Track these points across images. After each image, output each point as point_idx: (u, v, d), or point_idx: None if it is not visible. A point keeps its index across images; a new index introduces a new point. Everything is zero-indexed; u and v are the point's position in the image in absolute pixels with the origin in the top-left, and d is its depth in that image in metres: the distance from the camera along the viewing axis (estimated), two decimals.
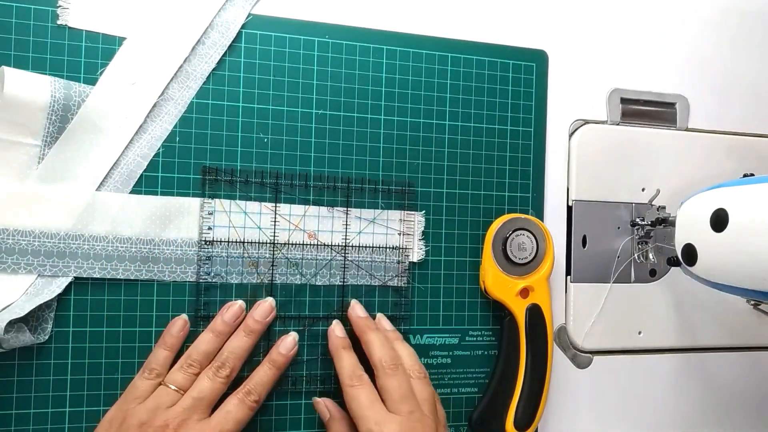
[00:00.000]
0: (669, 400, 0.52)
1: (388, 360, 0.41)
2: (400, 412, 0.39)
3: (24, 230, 0.39)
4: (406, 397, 0.40)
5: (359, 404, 0.39)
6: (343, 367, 0.41)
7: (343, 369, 0.41)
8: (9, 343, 0.37)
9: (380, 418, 0.38)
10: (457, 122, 0.47)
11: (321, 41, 0.45)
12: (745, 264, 0.37)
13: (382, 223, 0.45)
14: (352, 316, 0.44)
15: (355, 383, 0.40)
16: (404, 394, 0.40)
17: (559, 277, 0.49)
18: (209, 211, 0.42)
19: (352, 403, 0.40)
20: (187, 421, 0.37)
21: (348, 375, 0.41)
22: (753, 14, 0.55)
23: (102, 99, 0.40)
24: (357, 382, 0.40)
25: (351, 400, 0.40)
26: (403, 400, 0.39)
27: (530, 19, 0.49)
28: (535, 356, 0.46)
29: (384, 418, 0.38)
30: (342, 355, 0.42)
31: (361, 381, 0.40)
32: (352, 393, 0.40)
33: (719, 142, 0.53)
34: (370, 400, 0.39)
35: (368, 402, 0.39)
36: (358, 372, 0.41)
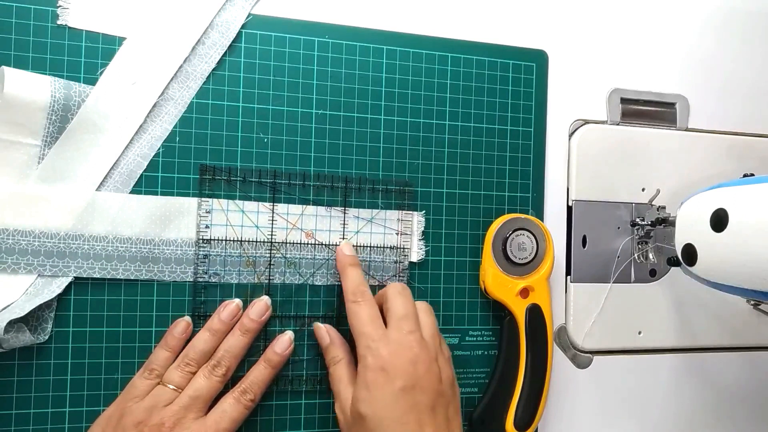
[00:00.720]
0: (669, 400, 0.52)
1: (399, 285, 0.42)
2: (400, 330, 0.39)
3: (24, 230, 0.39)
4: (408, 317, 0.40)
5: (360, 320, 0.39)
6: (348, 283, 0.41)
7: (348, 284, 0.41)
8: (9, 343, 0.37)
9: (378, 336, 0.38)
10: (457, 122, 0.47)
11: (321, 41, 0.45)
12: (745, 264, 0.37)
13: (380, 222, 0.45)
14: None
15: (358, 299, 0.40)
16: (407, 314, 0.40)
17: (559, 277, 0.49)
18: (206, 210, 0.42)
19: (353, 319, 0.40)
20: (182, 419, 0.37)
21: (351, 290, 0.41)
22: (753, 14, 0.55)
23: (102, 99, 0.40)
24: (360, 297, 0.40)
25: (352, 316, 0.40)
26: (405, 318, 0.40)
27: (530, 19, 0.50)
28: (535, 356, 0.46)
29: (382, 335, 0.39)
30: (348, 272, 0.42)
31: (363, 297, 0.41)
32: (354, 309, 0.40)
33: (719, 142, 0.53)
34: (371, 316, 0.40)
35: (368, 318, 0.39)
36: (362, 288, 0.41)
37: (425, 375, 0.38)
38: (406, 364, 0.37)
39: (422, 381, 0.37)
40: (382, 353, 0.38)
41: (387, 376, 0.37)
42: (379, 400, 0.36)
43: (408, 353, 0.38)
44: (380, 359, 0.37)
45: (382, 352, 0.38)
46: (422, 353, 0.38)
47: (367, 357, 0.38)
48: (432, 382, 0.38)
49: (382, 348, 0.38)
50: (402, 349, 0.38)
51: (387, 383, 0.37)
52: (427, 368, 0.38)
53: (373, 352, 0.38)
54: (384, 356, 0.37)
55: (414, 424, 0.36)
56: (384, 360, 0.37)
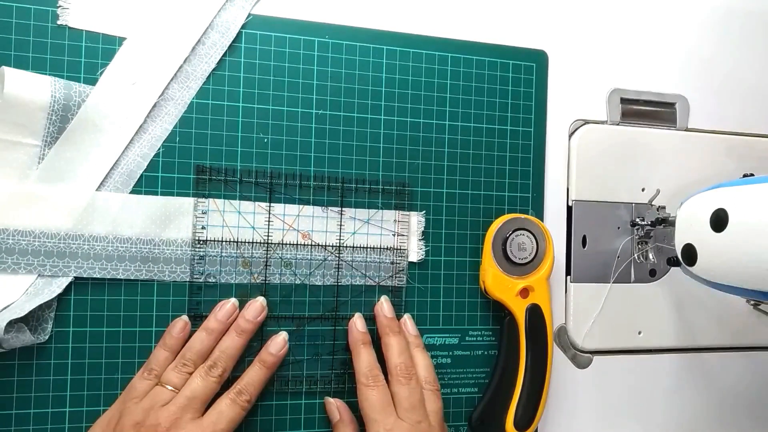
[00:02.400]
0: (669, 400, 0.52)
1: (404, 368, 0.42)
2: (409, 421, 0.40)
3: (24, 230, 0.39)
4: (416, 408, 0.40)
5: (371, 406, 0.40)
6: (361, 364, 0.42)
7: (361, 366, 0.42)
8: (9, 343, 0.37)
9: (390, 425, 0.39)
10: (457, 122, 0.47)
11: (321, 41, 0.45)
12: (745, 264, 0.37)
13: (377, 223, 0.45)
14: (378, 314, 0.44)
15: (371, 383, 0.41)
16: (414, 404, 0.40)
17: (559, 277, 0.49)
18: (203, 210, 0.42)
19: (365, 403, 0.40)
20: (179, 420, 0.37)
21: (365, 373, 0.41)
22: (753, 14, 0.55)
23: (102, 99, 0.40)
24: (373, 382, 0.41)
25: (364, 400, 0.40)
26: (413, 410, 0.40)
27: (530, 19, 0.49)
28: (535, 356, 0.46)
29: (394, 424, 0.39)
30: (361, 351, 0.42)
31: (377, 382, 0.41)
32: (367, 393, 0.41)
33: (719, 142, 0.53)
34: (383, 403, 0.40)
35: (380, 405, 0.40)
36: (375, 372, 0.41)
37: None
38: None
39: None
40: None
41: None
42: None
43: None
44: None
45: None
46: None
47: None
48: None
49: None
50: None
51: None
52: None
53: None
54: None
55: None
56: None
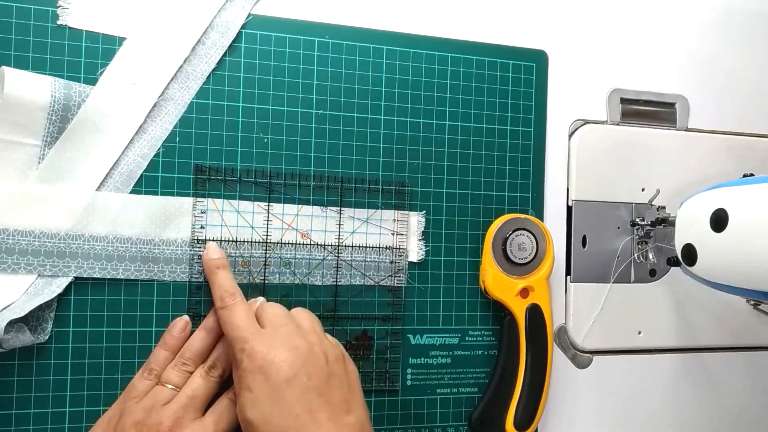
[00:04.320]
0: (669, 400, 0.52)
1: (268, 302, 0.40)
2: (273, 326, 0.37)
3: (24, 230, 0.39)
4: (279, 315, 0.38)
5: (231, 324, 0.37)
6: (215, 288, 0.39)
7: (215, 290, 0.39)
8: (9, 343, 0.37)
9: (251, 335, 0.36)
10: (457, 122, 0.47)
11: (321, 41, 0.45)
12: (745, 264, 0.37)
13: (376, 222, 0.45)
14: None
15: (227, 302, 0.38)
16: (278, 313, 0.38)
17: (559, 277, 0.49)
18: (201, 210, 0.42)
19: (225, 325, 0.38)
20: (181, 419, 0.37)
21: (219, 296, 0.39)
22: (753, 14, 0.55)
23: (102, 99, 0.40)
24: (230, 300, 0.38)
25: (223, 322, 0.38)
26: (277, 316, 0.38)
27: (530, 19, 0.49)
28: (535, 356, 0.46)
29: (255, 334, 0.36)
30: (216, 275, 0.40)
31: (234, 299, 0.38)
32: (224, 314, 0.38)
33: (719, 142, 0.53)
34: (242, 318, 0.37)
35: (240, 320, 0.37)
36: (232, 290, 0.39)
37: (307, 360, 0.36)
38: (284, 354, 0.35)
39: (305, 368, 0.35)
40: (257, 352, 0.35)
41: (266, 375, 0.35)
42: (263, 400, 0.34)
43: (284, 344, 0.36)
44: (256, 359, 0.35)
45: (256, 351, 0.35)
46: (299, 340, 0.36)
47: (243, 360, 0.35)
48: (316, 366, 0.36)
49: (257, 347, 0.35)
50: (277, 342, 0.36)
51: (267, 381, 0.34)
52: (307, 353, 0.36)
53: (249, 353, 0.35)
54: (260, 356, 0.35)
55: (305, 414, 0.34)
56: (260, 359, 0.35)
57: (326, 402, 0.35)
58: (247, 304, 0.39)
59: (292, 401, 0.34)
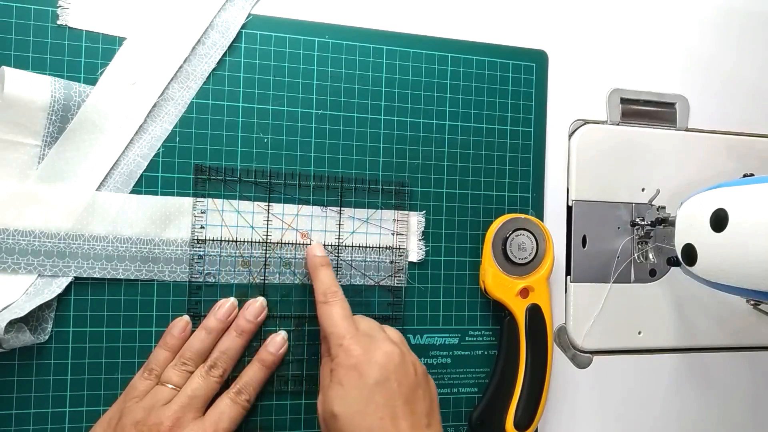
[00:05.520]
0: (669, 400, 0.52)
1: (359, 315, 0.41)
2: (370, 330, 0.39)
3: (24, 230, 0.39)
4: (374, 326, 0.40)
5: (331, 320, 0.39)
6: (319, 284, 0.41)
7: (318, 285, 0.41)
8: (9, 343, 0.37)
9: (351, 333, 0.38)
10: (457, 122, 0.47)
11: (321, 41, 0.45)
12: (745, 264, 0.37)
13: (376, 223, 0.45)
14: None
15: (329, 299, 0.40)
16: (373, 324, 0.40)
17: (559, 277, 0.49)
18: (201, 210, 0.42)
19: (324, 319, 0.39)
20: (181, 419, 0.37)
21: (322, 291, 0.40)
22: (753, 14, 0.55)
23: (102, 99, 0.40)
24: (331, 297, 0.40)
25: (323, 316, 0.39)
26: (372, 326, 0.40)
27: (530, 19, 0.49)
28: (535, 356, 0.46)
29: (354, 333, 0.38)
30: (319, 273, 0.41)
31: (335, 297, 0.40)
32: (325, 309, 0.39)
33: (719, 142, 0.53)
34: (342, 316, 0.39)
35: (339, 318, 0.39)
36: (333, 288, 0.40)
37: (398, 369, 0.37)
38: (379, 358, 0.37)
39: (396, 375, 0.37)
40: (354, 351, 0.37)
41: (359, 373, 0.36)
42: (352, 397, 0.35)
43: (380, 348, 0.37)
44: (352, 357, 0.37)
45: (353, 350, 0.37)
46: (393, 347, 0.38)
47: (340, 355, 0.37)
48: (407, 374, 0.37)
49: (353, 346, 0.37)
50: (374, 346, 0.37)
51: (359, 380, 0.36)
52: (400, 362, 0.37)
53: (345, 349, 0.37)
54: (356, 354, 0.37)
55: (388, 419, 0.35)
56: (356, 357, 0.37)
57: (410, 411, 0.36)
58: (347, 303, 0.40)
59: (379, 403, 0.35)
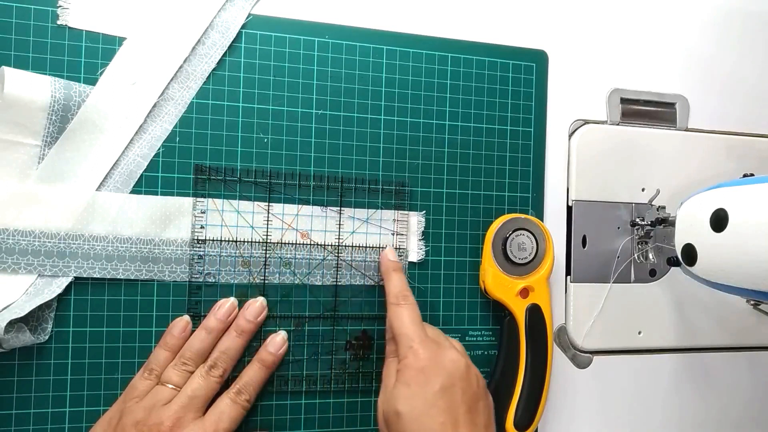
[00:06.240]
0: (669, 400, 0.52)
1: None
2: (439, 337, 0.41)
3: (24, 230, 0.39)
4: (441, 334, 0.42)
5: (402, 322, 0.40)
6: (392, 286, 0.42)
7: (391, 287, 0.42)
8: (9, 343, 0.37)
9: (420, 338, 0.39)
10: (457, 122, 0.47)
11: (321, 41, 0.45)
12: (745, 264, 0.37)
13: (376, 222, 0.45)
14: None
15: (401, 301, 0.41)
16: (440, 333, 0.42)
17: (559, 277, 0.49)
18: (201, 210, 0.42)
19: (395, 321, 0.41)
20: (182, 419, 0.37)
21: (395, 294, 0.42)
22: (753, 15, 0.55)
23: (102, 99, 0.40)
24: (403, 300, 0.41)
25: (394, 318, 0.41)
26: (441, 333, 0.42)
27: (530, 19, 0.49)
28: (535, 356, 0.46)
29: (424, 338, 0.39)
30: (392, 276, 0.43)
31: (407, 300, 0.41)
32: (397, 311, 0.41)
33: (719, 142, 0.53)
34: (413, 319, 0.40)
35: (410, 320, 0.40)
36: (405, 292, 0.42)
37: (463, 378, 0.38)
38: (446, 365, 0.38)
39: (461, 383, 0.38)
40: (423, 354, 0.38)
41: (426, 377, 0.37)
42: (418, 398, 0.37)
43: (447, 356, 0.39)
44: (420, 360, 0.38)
45: (422, 353, 0.38)
46: (460, 358, 0.39)
47: (408, 356, 0.38)
48: (470, 384, 0.39)
49: (422, 349, 0.38)
50: (441, 352, 0.39)
51: (426, 383, 0.37)
52: (465, 371, 0.39)
53: (415, 352, 0.38)
54: (424, 357, 0.38)
55: (450, 425, 0.36)
56: (424, 361, 0.38)
57: (471, 421, 0.37)
58: (417, 307, 0.42)
59: (442, 408, 0.36)
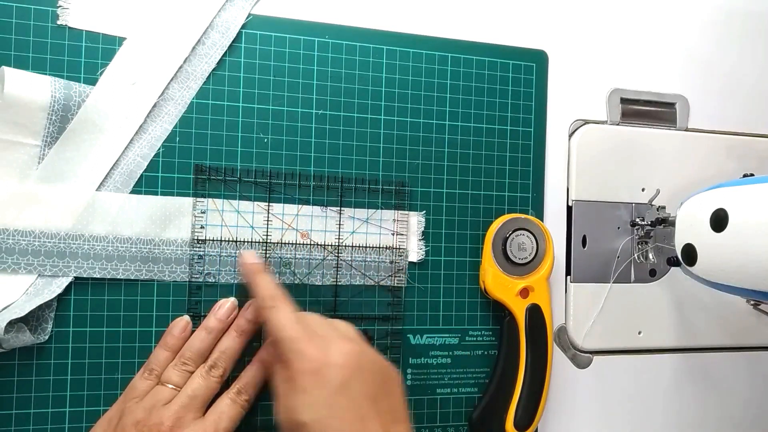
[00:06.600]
0: (669, 400, 0.52)
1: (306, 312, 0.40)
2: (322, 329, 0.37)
3: (24, 230, 0.39)
4: (323, 321, 0.38)
5: (279, 324, 0.36)
6: (260, 290, 0.39)
7: (260, 291, 0.39)
8: (9, 343, 0.37)
9: (303, 337, 0.35)
10: (457, 122, 0.47)
11: (321, 41, 0.45)
12: (745, 264, 0.37)
13: (376, 222, 0.45)
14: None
15: (275, 303, 0.38)
16: (322, 321, 0.38)
17: (559, 277, 0.49)
18: (201, 210, 0.42)
19: (273, 325, 0.37)
20: (182, 419, 0.37)
21: (263, 296, 0.38)
22: (753, 14, 0.55)
23: (102, 99, 0.40)
24: (276, 301, 0.38)
25: (270, 323, 0.37)
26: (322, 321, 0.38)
27: (530, 19, 0.49)
28: (535, 356, 0.46)
29: (306, 336, 0.35)
30: (258, 279, 0.39)
31: (280, 300, 0.38)
32: (271, 314, 0.37)
33: (719, 142, 0.53)
34: (290, 319, 0.37)
35: (288, 321, 0.36)
36: (276, 292, 0.38)
37: (359, 367, 0.35)
38: (338, 359, 0.35)
39: (358, 374, 0.35)
40: (311, 354, 0.34)
41: (321, 378, 0.34)
42: (319, 404, 0.33)
43: (339, 348, 0.35)
44: (310, 361, 0.34)
45: (309, 354, 0.35)
46: (352, 347, 0.36)
47: (296, 361, 0.34)
48: (369, 371, 0.35)
49: (309, 349, 0.35)
50: (330, 346, 0.35)
51: (323, 385, 0.34)
52: (359, 360, 0.35)
53: (301, 354, 0.35)
54: (313, 358, 0.34)
55: (358, 422, 0.33)
56: (314, 362, 0.34)
57: (377, 411, 0.34)
58: (292, 305, 0.38)
59: (346, 407, 0.34)
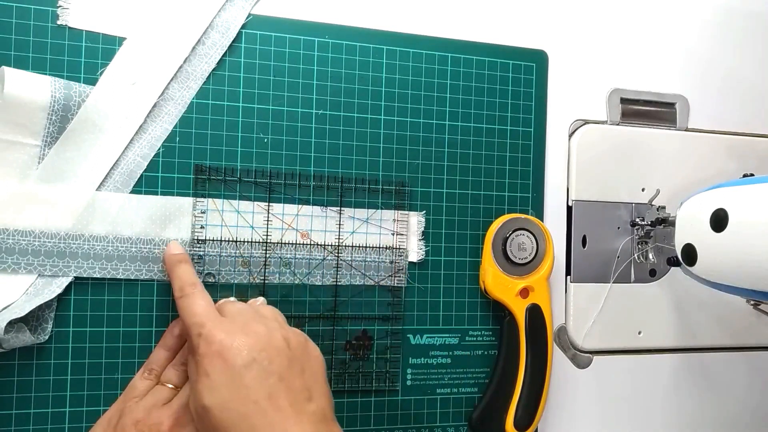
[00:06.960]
0: (669, 400, 0.52)
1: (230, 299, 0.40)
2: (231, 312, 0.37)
3: (24, 230, 0.39)
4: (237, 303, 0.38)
5: (190, 311, 0.36)
6: (176, 281, 0.38)
7: (176, 282, 0.38)
8: (9, 343, 0.37)
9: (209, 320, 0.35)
10: (457, 122, 0.47)
11: (321, 41, 0.45)
12: (745, 264, 0.37)
13: (376, 222, 0.45)
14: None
15: (187, 291, 0.37)
16: (237, 302, 0.38)
17: (559, 277, 0.49)
18: (201, 210, 0.42)
19: (183, 312, 0.36)
20: (181, 419, 0.37)
21: (179, 286, 0.38)
22: (753, 14, 0.55)
23: (102, 99, 0.40)
24: (190, 289, 0.37)
25: (182, 310, 0.37)
26: (235, 303, 0.38)
27: (530, 19, 0.49)
28: (535, 356, 0.46)
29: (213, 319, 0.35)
30: (177, 269, 0.39)
31: (194, 288, 0.37)
32: (183, 302, 0.37)
33: (719, 142, 0.53)
34: (201, 305, 0.36)
35: (199, 307, 0.36)
36: (193, 280, 0.38)
37: (268, 345, 0.34)
38: (243, 339, 0.34)
39: (266, 352, 0.34)
40: (215, 337, 0.34)
41: (224, 360, 0.33)
42: (222, 386, 0.33)
43: (243, 329, 0.35)
44: (213, 344, 0.34)
45: (214, 337, 0.34)
46: (259, 326, 0.35)
47: (200, 345, 0.34)
48: (278, 350, 0.35)
49: (214, 331, 0.34)
50: (236, 327, 0.35)
51: (225, 366, 0.33)
52: (267, 338, 0.35)
53: (206, 338, 0.34)
54: (217, 340, 0.34)
55: (264, 400, 0.32)
56: (217, 344, 0.34)
57: (287, 388, 0.33)
58: (207, 294, 0.38)
59: (251, 386, 0.33)
